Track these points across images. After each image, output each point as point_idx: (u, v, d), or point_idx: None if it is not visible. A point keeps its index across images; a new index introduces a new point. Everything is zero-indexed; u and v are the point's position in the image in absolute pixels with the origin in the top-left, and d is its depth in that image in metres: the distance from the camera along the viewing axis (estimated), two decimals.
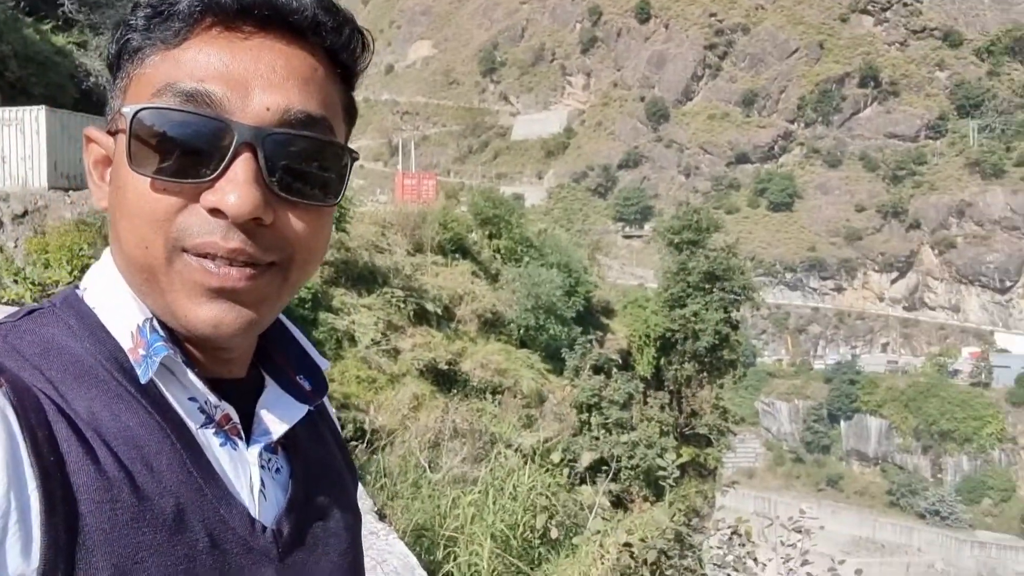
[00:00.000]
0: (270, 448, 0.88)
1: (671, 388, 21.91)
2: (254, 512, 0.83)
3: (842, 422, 77.83)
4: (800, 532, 7.61)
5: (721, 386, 23.37)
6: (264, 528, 0.84)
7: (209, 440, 0.82)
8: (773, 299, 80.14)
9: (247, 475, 0.84)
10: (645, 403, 19.37)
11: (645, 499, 13.42)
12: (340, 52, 0.84)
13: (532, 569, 5.73)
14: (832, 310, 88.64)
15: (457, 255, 19.30)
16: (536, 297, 17.32)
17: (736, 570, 7.29)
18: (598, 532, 5.87)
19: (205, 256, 0.75)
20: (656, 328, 21.67)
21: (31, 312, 0.82)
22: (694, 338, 21.73)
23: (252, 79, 0.76)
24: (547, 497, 6.28)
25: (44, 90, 17.81)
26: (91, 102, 19.90)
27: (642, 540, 5.88)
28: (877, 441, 76.54)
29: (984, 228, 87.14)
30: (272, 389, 0.91)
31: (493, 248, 20.61)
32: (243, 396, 0.87)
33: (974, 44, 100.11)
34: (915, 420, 74.27)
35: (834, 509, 65.82)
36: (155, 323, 0.80)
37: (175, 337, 0.80)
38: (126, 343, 0.79)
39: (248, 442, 0.86)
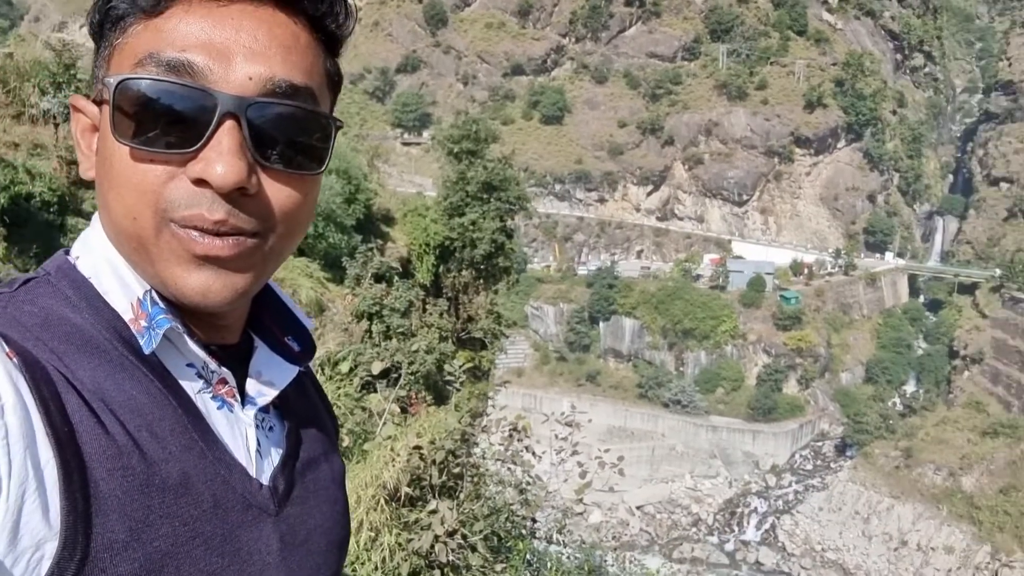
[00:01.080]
0: (263, 408, 0.91)
1: (449, 295, 22.39)
2: (252, 471, 0.86)
3: (601, 323, 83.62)
4: (571, 425, 8.27)
5: (496, 292, 24.19)
6: (261, 485, 0.86)
7: (207, 404, 0.84)
8: (543, 209, 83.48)
9: (243, 436, 0.87)
10: (425, 310, 19.68)
11: (426, 403, 13.84)
12: (323, 19, 0.83)
13: None
14: (595, 219, 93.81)
15: None
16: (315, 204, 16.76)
17: (515, 463, 7.83)
18: (389, 437, 6.02)
19: (193, 228, 0.75)
20: (435, 236, 21.89)
21: (26, 282, 0.81)
22: (472, 246, 22.21)
23: (234, 48, 0.75)
24: (337, 406, 6.31)
25: None
26: None
27: (431, 442, 6.12)
28: (630, 340, 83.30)
29: (727, 146, 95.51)
30: (263, 351, 0.93)
31: None
32: (235, 360, 0.89)
33: None
34: (663, 320, 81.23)
35: (592, 402, 71.56)
36: (154, 295, 0.80)
37: (171, 306, 0.80)
38: (126, 314, 0.80)
39: (243, 404, 0.88)
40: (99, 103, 0.79)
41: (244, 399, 0.89)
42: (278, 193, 0.78)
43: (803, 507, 68.13)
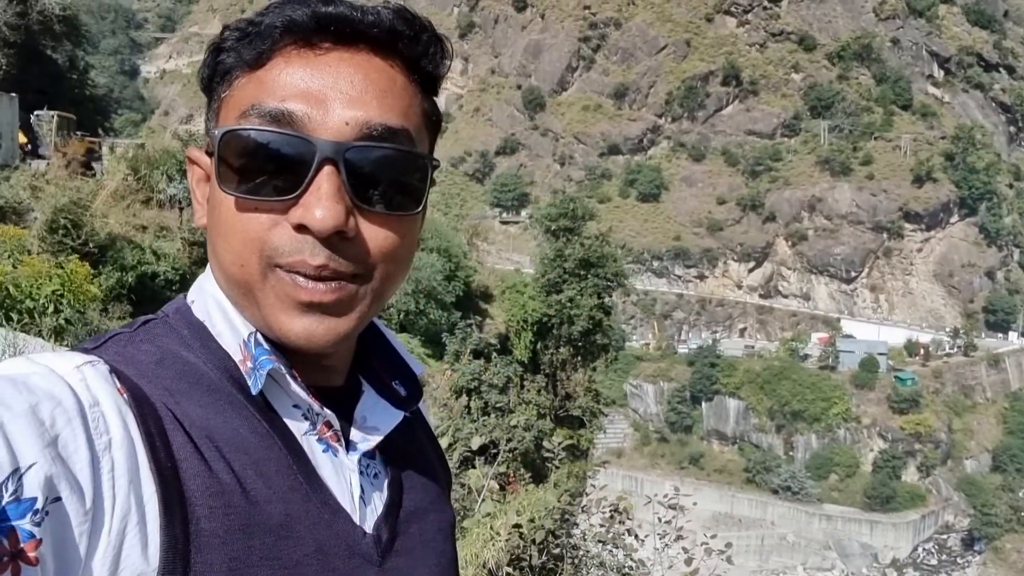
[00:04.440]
0: (368, 453, 0.90)
1: (547, 372, 22.28)
2: (355, 518, 0.85)
3: (703, 403, 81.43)
4: (675, 508, 7.92)
5: (594, 369, 23.94)
6: (365, 533, 0.85)
7: (312, 447, 0.84)
8: (641, 286, 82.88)
9: (347, 481, 0.86)
10: (522, 387, 19.60)
11: (524, 481, 13.63)
12: (419, 61, 0.85)
13: None
14: (695, 297, 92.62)
15: None
16: (416, 281, 17.19)
17: (616, 547, 7.53)
18: (488, 515, 5.90)
19: (296, 272, 0.77)
20: (533, 313, 21.97)
21: (145, 323, 0.85)
22: (569, 323, 22.16)
23: (331, 95, 0.77)
24: None
25: None
26: None
27: (531, 521, 5.96)
28: (735, 421, 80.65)
29: (832, 222, 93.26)
30: (369, 395, 0.93)
31: None
32: (342, 403, 0.89)
33: (826, 49, 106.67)
34: (769, 401, 78.61)
35: (696, 486, 68.99)
36: (259, 336, 0.82)
37: (278, 347, 0.82)
38: (236, 355, 0.82)
39: (347, 448, 0.88)
40: (210, 154, 0.82)
41: (348, 444, 0.88)
42: (376, 235, 0.80)
43: None
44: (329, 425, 0.86)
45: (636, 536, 7.44)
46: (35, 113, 20.87)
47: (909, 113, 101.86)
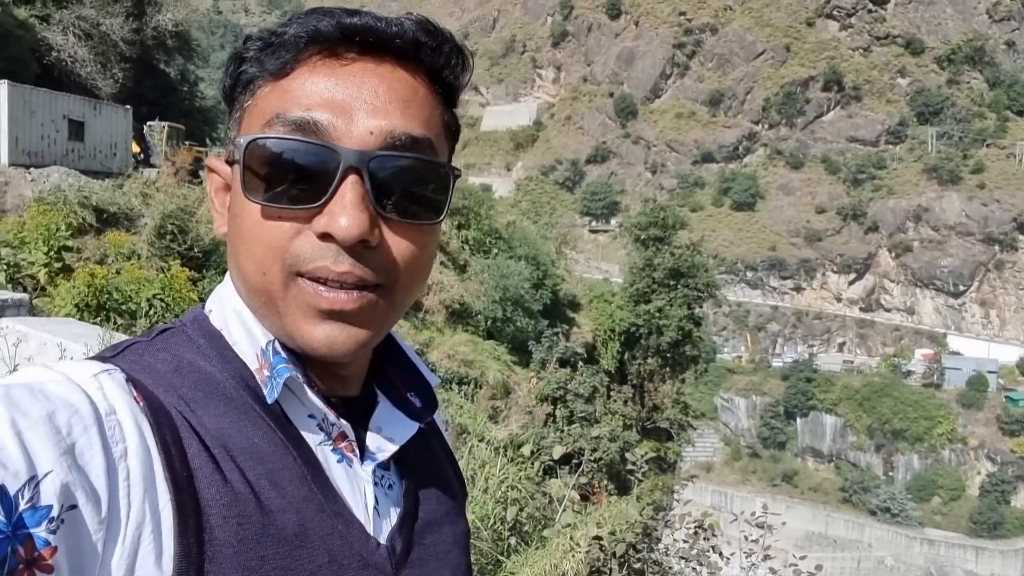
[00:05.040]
0: (383, 464, 0.90)
1: (634, 382, 22.06)
2: (369, 529, 0.84)
3: (798, 419, 78.90)
4: (762, 527, 7.69)
5: (683, 381, 23.56)
6: (378, 544, 0.85)
7: (327, 457, 0.84)
8: (734, 297, 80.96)
9: (362, 492, 0.86)
10: (609, 397, 19.46)
11: (608, 492, 13.49)
12: (441, 71, 0.86)
13: (499, 562, 5.72)
14: (791, 309, 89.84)
15: None
16: (504, 289, 17.29)
17: (700, 564, 7.36)
18: (568, 525, 5.87)
19: (318, 280, 0.77)
20: (621, 323, 21.79)
21: (164, 331, 0.86)
22: (658, 333, 21.88)
23: (356, 104, 0.78)
24: (518, 490, 6.27)
25: (4, 64, 17.25)
26: (52, 77, 19.31)
27: (611, 533, 5.90)
28: (832, 438, 77.79)
29: (940, 233, 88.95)
30: (384, 406, 0.93)
31: (462, 239, 20.52)
32: (357, 413, 0.89)
33: (935, 52, 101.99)
34: (869, 419, 75.51)
35: (789, 504, 66.87)
36: (277, 345, 0.82)
37: (295, 357, 0.82)
38: (252, 364, 0.83)
39: (362, 459, 0.88)
40: (231, 163, 0.82)
41: (364, 454, 0.88)
42: (399, 244, 0.80)
43: None
44: (344, 436, 0.86)
45: (720, 554, 7.26)
46: (147, 124, 22.08)
47: None
